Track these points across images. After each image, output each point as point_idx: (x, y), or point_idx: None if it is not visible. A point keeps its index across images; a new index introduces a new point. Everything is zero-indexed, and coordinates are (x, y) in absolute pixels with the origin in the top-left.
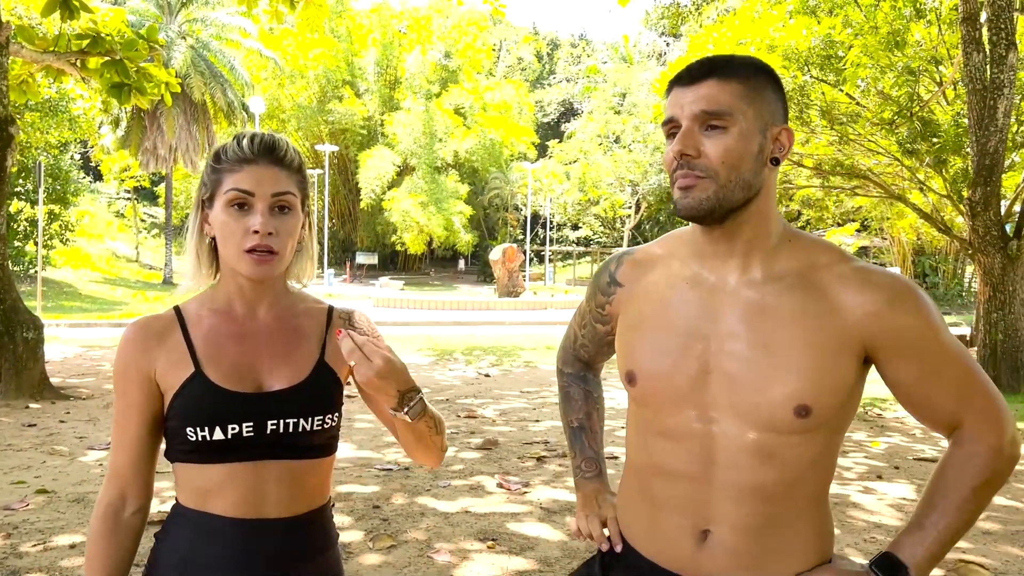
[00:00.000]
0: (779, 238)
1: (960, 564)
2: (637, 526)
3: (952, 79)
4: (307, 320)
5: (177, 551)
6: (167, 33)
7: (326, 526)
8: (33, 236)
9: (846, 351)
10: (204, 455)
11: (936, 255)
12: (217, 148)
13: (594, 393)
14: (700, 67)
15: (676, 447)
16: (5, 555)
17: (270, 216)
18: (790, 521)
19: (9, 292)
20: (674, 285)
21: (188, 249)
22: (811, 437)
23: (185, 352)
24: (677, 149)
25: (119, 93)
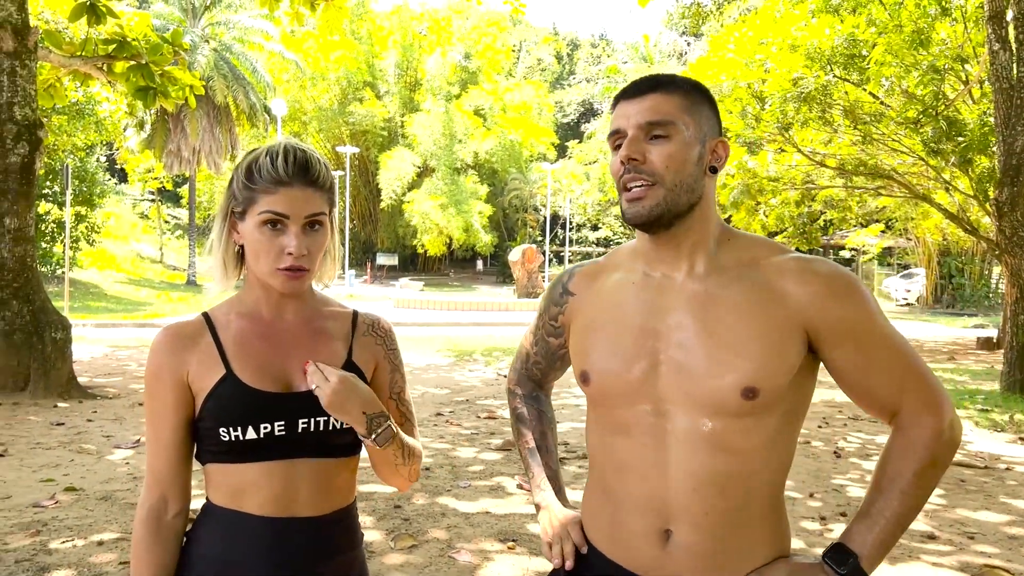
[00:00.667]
0: (719, 238)
1: (986, 569)
2: (601, 529)
3: (978, 78)
4: (333, 322)
5: (209, 548)
6: (191, 36)
7: (352, 526)
8: (60, 238)
9: (789, 335)
10: (237, 455)
11: (962, 256)
12: (250, 162)
13: (547, 413)
14: (645, 83)
15: (632, 443)
16: (35, 551)
17: (303, 236)
18: (748, 519)
19: (38, 293)
20: (623, 288)
21: (214, 254)
22: (760, 422)
23: (216, 355)
24: (625, 155)
25: (145, 96)
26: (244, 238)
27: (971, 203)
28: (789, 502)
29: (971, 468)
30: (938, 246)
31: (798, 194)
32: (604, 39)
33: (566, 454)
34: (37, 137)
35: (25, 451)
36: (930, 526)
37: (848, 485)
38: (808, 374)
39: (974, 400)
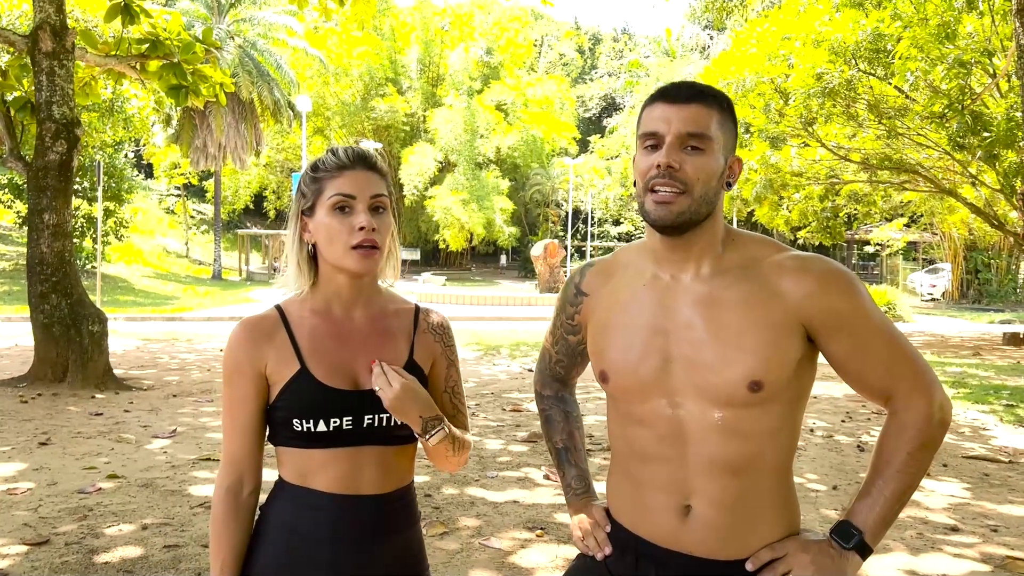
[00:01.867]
0: (724, 241)
1: (1008, 561)
2: (624, 505)
3: (1005, 71)
4: (396, 321)
5: (281, 518)
6: (216, 33)
7: (411, 504)
8: (90, 233)
9: (789, 330)
10: (308, 442)
11: (989, 251)
12: (314, 161)
13: (573, 412)
14: (688, 90)
15: (650, 433)
16: (83, 535)
17: (371, 215)
18: (759, 495)
19: (76, 287)
20: (634, 288)
21: (289, 258)
22: (767, 410)
23: (291, 350)
24: (665, 162)
25: (177, 94)
26: (316, 232)
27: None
28: (813, 493)
29: (995, 463)
30: (964, 241)
31: (822, 189)
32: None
33: (592, 446)
34: (75, 135)
35: (67, 440)
36: (953, 519)
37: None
38: (808, 364)
39: (999, 396)
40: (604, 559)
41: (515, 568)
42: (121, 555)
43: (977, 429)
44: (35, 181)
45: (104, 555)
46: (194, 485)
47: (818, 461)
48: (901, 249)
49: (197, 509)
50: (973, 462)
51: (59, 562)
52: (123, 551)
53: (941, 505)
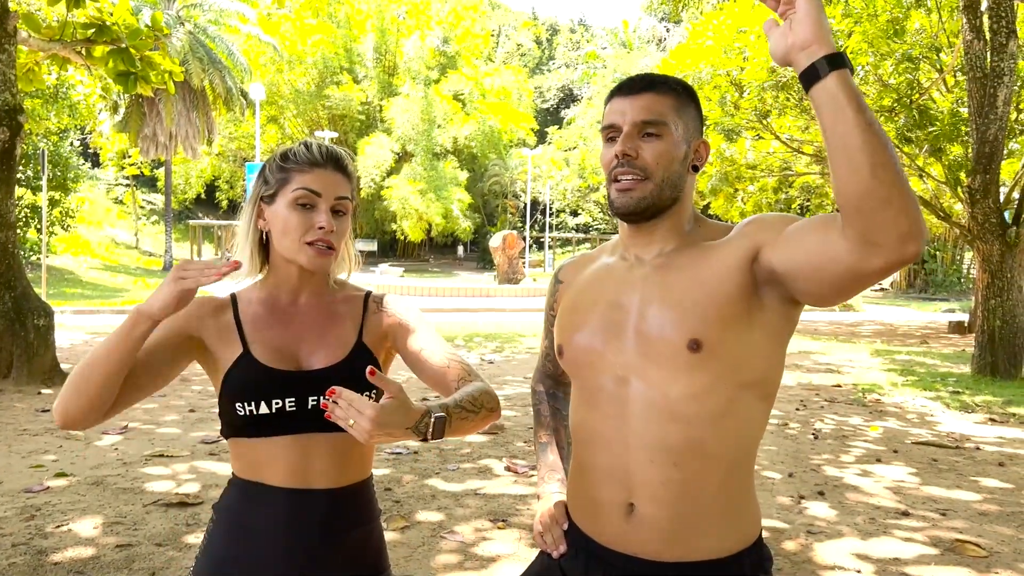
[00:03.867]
0: (692, 226)
1: (957, 544)
2: (578, 504)
3: (952, 67)
4: (345, 306)
5: (232, 514)
6: (165, 19)
7: (369, 499)
8: (34, 223)
9: (729, 276)
10: (254, 429)
11: (935, 242)
12: (285, 150)
13: (563, 410)
14: (640, 81)
15: (598, 414)
16: (31, 535)
17: (331, 216)
18: (705, 492)
19: (20, 279)
20: (600, 270)
21: (240, 242)
22: (711, 385)
23: (235, 333)
24: (620, 150)
25: (125, 81)
26: (272, 220)
27: (944, 190)
28: (769, 482)
29: (943, 448)
30: None
31: (776, 181)
32: (583, 24)
33: None
34: (17, 122)
35: (12, 437)
36: (903, 504)
37: (825, 465)
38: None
39: (946, 383)
40: (559, 558)
41: (478, 559)
42: (72, 555)
43: (924, 416)
44: None
45: (54, 555)
46: (147, 482)
47: (773, 450)
48: None
49: (150, 507)
50: (922, 448)
51: (6, 564)
52: (74, 551)
53: (891, 490)
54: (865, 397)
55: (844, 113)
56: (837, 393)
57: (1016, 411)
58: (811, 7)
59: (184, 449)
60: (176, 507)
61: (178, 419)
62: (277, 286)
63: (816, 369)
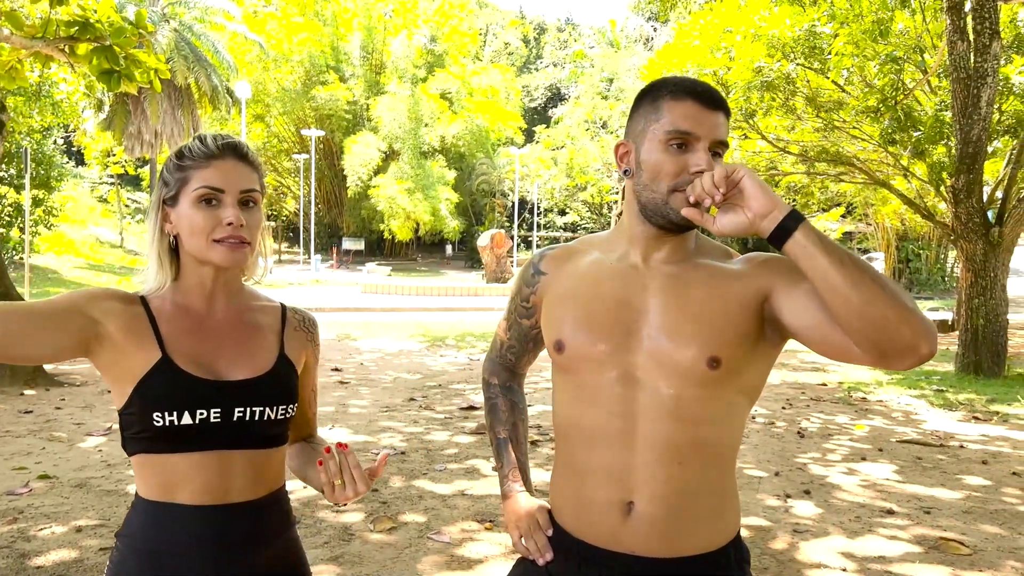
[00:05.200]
0: (696, 240)
1: (941, 541)
2: (566, 505)
3: (936, 68)
4: (263, 316)
5: (139, 541)
6: (150, 16)
7: (285, 507)
8: (17, 222)
9: (747, 307)
10: (170, 443)
11: (919, 241)
12: (179, 148)
13: (520, 404)
14: (716, 96)
15: (599, 411)
16: (13, 539)
17: (239, 210)
18: (703, 488)
19: (2, 279)
20: (600, 266)
21: (150, 250)
22: (720, 394)
23: (150, 334)
24: (706, 170)
25: (109, 79)
26: (178, 223)
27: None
28: (755, 481)
29: (927, 446)
30: (896, 231)
31: None
32: (571, 23)
33: (538, 436)
34: (0, 121)
35: None
36: (888, 502)
37: (811, 464)
38: (763, 354)
39: (930, 381)
40: (546, 564)
41: (464, 560)
42: (55, 558)
43: (909, 414)
44: None
45: (37, 559)
46: (132, 484)
47: (759, 448)
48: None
49: None
50: (906, 446)
51: None
52: (57, 554)
53: (876, 489)
54: (850, 396)
55: (817, 259)
56: (823, 392)
57: (999, 409)
58: (756, 182)
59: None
60: None
61: None
62: (190, 291)
63: (802, 368)
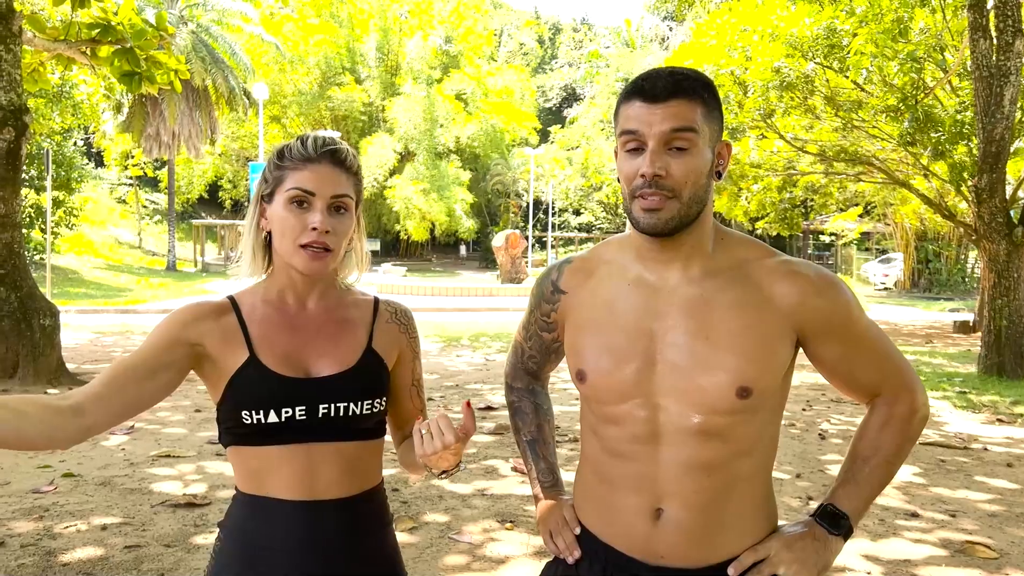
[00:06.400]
0: (714, 239)
1: (967, 545)
2: (593, 510)
3: (957, 66)
4: (355, 310)
5: (238, 533)
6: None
7: (379, 507)
8: (39, 223)
9: (780, 336)
10: (258, 438)
11: (939, 241)
12: (281, 147)
13: (543, 405)
14: (666, 84)
15: (623, 432)
16: (39, 536)
17: (328, 215)
18: (735, 495)
19: (26, 279)
20: (617, 287)
21: (244, 243)
22: (749, 418)
23: (240, 337)
24: (650, 171)
25: (130, 81)
26: (271, 220)
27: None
28: (777, 483)
29: (950, 448)
30: (915, 231)
31: (779, 180)
32: (586, 23)
33: (557, 437)
34: (23, 122)
35: None
36: (912, 505)
37: (832, 465)
38: (791, 371)
39: (952, 383)
40: (575, 564)
41: (486, 560)
42: (80, 556)
43: (931, 416)
44: None
45: (63, 556)
46: (154, 483)
47: (781, 450)
48: (855, 239)
49: (158, 508)
50: (930, 448)
51: (15, 564)
52: (82, 552)
53: (900, 491)
54: None
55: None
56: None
57: (1023, 411)
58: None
59: (191, 449)
60: (184, 508)
61: (184, 419)
62: (282, 288)
63: None
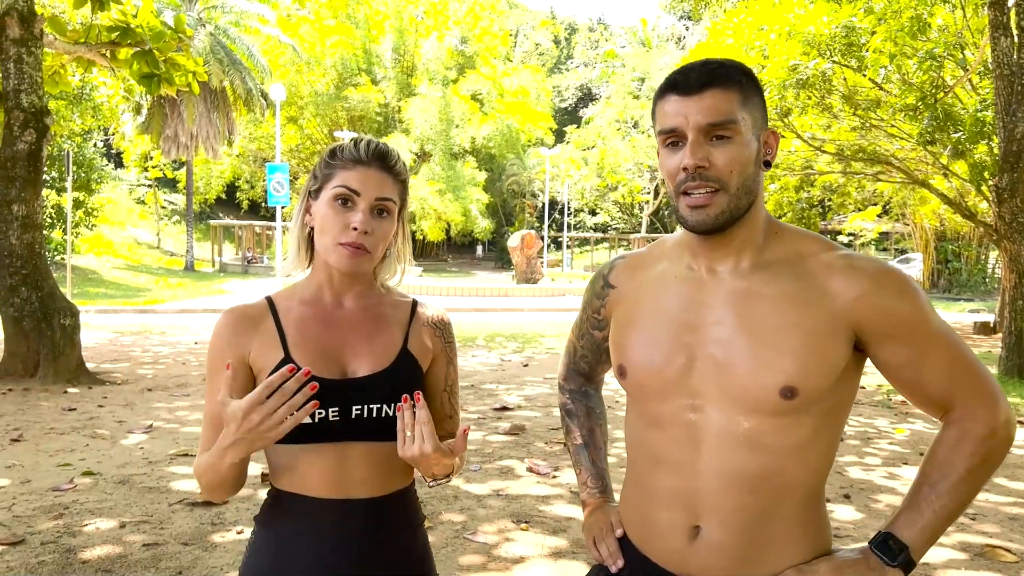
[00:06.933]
0: (766, 232)
1: (987, 548)
2: (634, 521)
3: (977, 65)
4: (392, 311)
5: (273, 527)
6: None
7: (410, 507)
8: (59, 223)
9: (835, 334)
10: (291, 437)
11: (959, 241)
12: (334, 146)
13: (596, 409)
14: (699, 76)
15: (664, 436)
16: (60, 534)
17: (370, 217)
18: (780, 517)
19: (46, 279)
20: (664, 282)
21: (290, 236)
22: (797, 421)
23: (276, 338)
24: (692, 163)
25: (149, 83)
26: (315, 216)
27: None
28: None
29: None
30: (935, 231)
31: (797, 179)
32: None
33: None
34: (44, 124)
35: (40, 436)
36: None
37: (850, 468)
38: (851, 374)
39: None
40: (617, 573)
41: (502, 560)
42: (99, 554)
43: None
44: (3, 171)
45: (82, 554)
46: (172, 481)
47: None
48: (873, 239)
49: (176, 506)
50: None
51: (35, 562)
52: (101, 550)
53: None
54: (890, 399)
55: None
56: (862, 395)
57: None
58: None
59: None
60: (201, 506)
61: (202, 418)
62: (320, 286)
63: None
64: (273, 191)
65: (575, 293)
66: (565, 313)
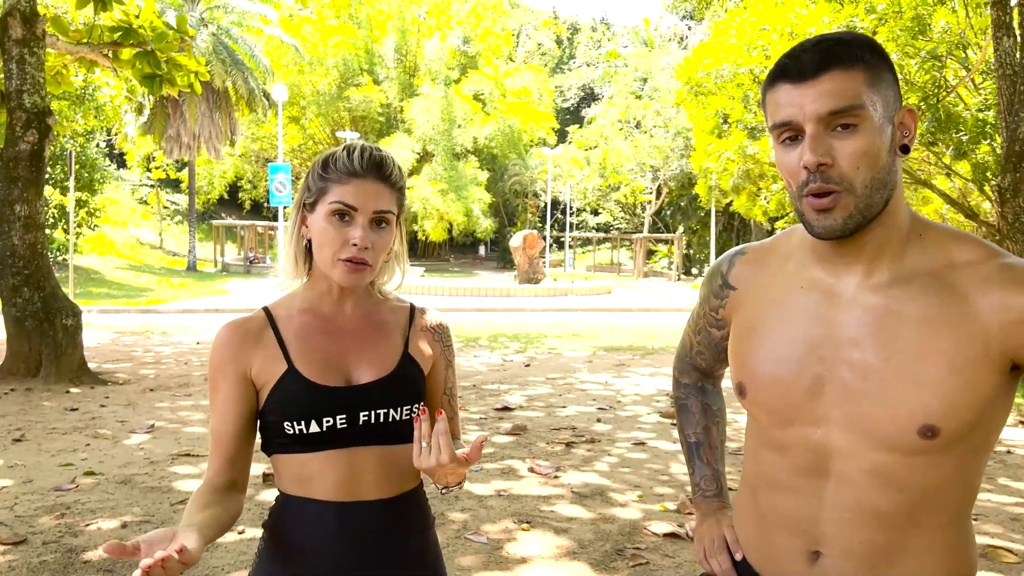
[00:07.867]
0: (908, 234)
1: (989, 549)
2: (748, 538)
3: (979, 65)
4: (391, 316)
5: (282, 533)
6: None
7: (421, 507)
8: (62, 223)
9: (986, 363)
10: (302, 446)
11: None
12: (327, 155)
13: (713, 406)
14: (813, 57)
15: (784, 460)
16: (61, 533)
17: (369, 230)
18: (912, 548)
19: (48, 279)
20: (790, 289)
21: (286, 248)
22: (938, 459)
23: (278, 350)
24: (812, 160)
25: (151, 83)
26: (312, 229)
27: (972, 188)
28: None
29: None
30: None
31: None
32: (604, 23)
33: (574, 438)
34: (46, 124)
35: (42, 436)
36: None
37: None
38: (1002, 403)
39: None
40: None
41: (504, 560)
42: (101, 554)
43: None
44: (6, 171)
45: (84, 554)
46: (174, 481)
47: None
48: None
49: (178, 506)
50: None
51: (37, 562)
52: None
53: None
54: None
55: None
56: None
57: None
58: None
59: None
60: None
61: (204, 419)
62: (319, 295)
63: None
64: (275, 191)
65: (577, 293)
66: (567, 313)
